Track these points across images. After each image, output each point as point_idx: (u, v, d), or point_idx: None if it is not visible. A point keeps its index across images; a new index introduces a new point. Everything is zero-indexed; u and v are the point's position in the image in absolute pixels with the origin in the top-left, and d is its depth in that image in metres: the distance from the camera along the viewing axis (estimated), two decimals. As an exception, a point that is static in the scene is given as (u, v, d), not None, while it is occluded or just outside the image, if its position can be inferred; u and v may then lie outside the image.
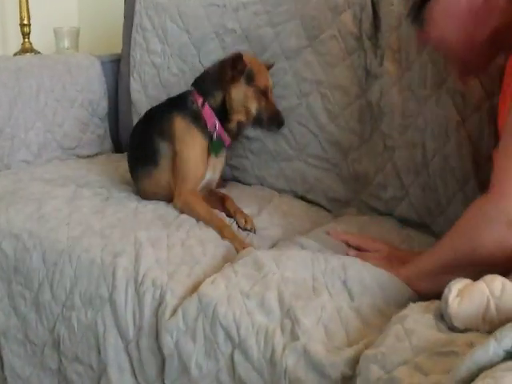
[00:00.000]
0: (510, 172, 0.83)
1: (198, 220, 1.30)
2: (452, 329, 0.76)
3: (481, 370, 0.62)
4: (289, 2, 1.56)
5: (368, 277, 0.99)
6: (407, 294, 0.98)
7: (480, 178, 1.26)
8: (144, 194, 1.44)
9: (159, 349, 1.02)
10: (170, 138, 1.38)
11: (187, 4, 1.71)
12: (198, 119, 1.39)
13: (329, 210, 1.51)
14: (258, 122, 1.41)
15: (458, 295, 0.77)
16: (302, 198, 1.55)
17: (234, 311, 0.94)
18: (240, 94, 1.38)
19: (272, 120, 1.41)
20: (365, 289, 0.97)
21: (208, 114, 1.39)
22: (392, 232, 1.32)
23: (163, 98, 1.76)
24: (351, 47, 1.48)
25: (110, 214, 1.30)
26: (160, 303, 1.02)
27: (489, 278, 0.76)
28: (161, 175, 1.39)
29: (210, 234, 1.23)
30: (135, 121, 1.83)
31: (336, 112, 1.50)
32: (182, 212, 1.33)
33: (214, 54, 1.68)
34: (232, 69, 1.37)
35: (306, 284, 0.98)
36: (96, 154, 1.85)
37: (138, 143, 1.48)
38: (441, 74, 1.31)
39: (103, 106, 1.89)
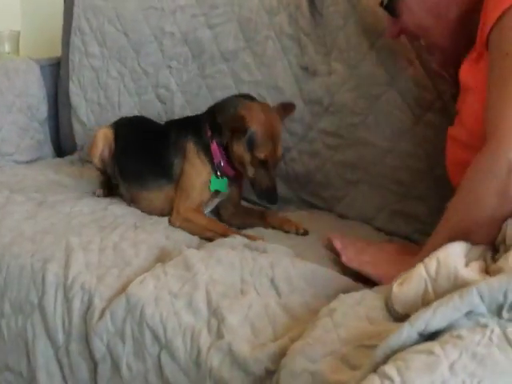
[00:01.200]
0: (503, 121, 0.82)
1: (200, 235, 1.26)
2: (397, 316, 0.76)
3: (395, 353, 0.63)
4: (225, 4, 1.57)
5: (295, 274, 1.00)
6: (338, 288, 0.99)
7: (435, 176, 1.28)
8: (149, 209, 1.39)
9: (90, 353, 1.01)
10: (182, 157, 1.35)
11: (125, 7, 1.70)
12: (207, 150, 1.34)
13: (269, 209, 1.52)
14: (251, 184, 1.31)
15: (401, 282, 0.77)
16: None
17: (161, 312, 0.94)
18: (239, 152, 1.27)
19: (262, 195, 1.29)
20: (292, 286, 0.98)
21: (215, 150, 1.33)
22: (331, 225, 1.36)
23: (103, 101, 1.76)
24: (287, 47, 1.50)
25: (43, 219, 1.28)
26: (88, 307, 1.01)
27: (428, 258, 0.77)
28: (172, 191, 1.36)
29: (144, 236, 1.22)
30: (75, 125, 1.83)
31: (274, 112, 1.52)
32: (181, 228, 1.30)
33: (153, 57, 1.68)
34: (232, 128, 1.26)
35: (234, 283, 0.98)
36: (36, 160, 1.81)
37: (149, 156, 1.42)
38: (391, 73, 1.33)
39: (42, 110, 1.85)
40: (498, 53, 0.86)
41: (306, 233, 1.29)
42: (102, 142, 1.48)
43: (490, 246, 0.82)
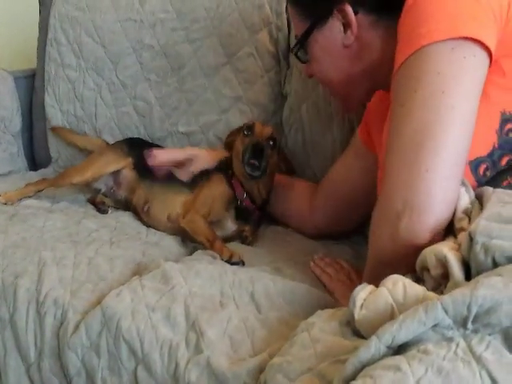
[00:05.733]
0: (389, 177, 0.85)
1: (197, 237, 1.26)
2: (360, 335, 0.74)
3: (364, 367, 0.62)
4: (205, 18, 1.57)
5: (275, 291, 0.98)
6: (317, 305, 0.97)
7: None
8: (159, 209, 1.39)
9: (62, 369, 0.97)
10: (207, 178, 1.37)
11: (103, 18, 1.68)
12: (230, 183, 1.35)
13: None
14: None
15: (362, 306, 0.76)
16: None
17: (137, 325, 0.91)
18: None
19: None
20: (272, 302, 0.96)
21: (235, 183, 1.34)
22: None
23: (79, 113, 1.73)
24: (268, 65, 1.51)
25: (15, 233, 1.24)
26: (62, 322, 0.98)
27: (390, 281, 0.76)
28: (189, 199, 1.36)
29: (120, 251, 1.18)
30: (50, 137, 1.79)
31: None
32: (186, 228, 1.29)
33: (131, 69, 1.66)
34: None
35: (213, 297, 0.96)
36: (9, 173, 1.76)
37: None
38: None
39: (16, 122, 1.80)
40: (395, 102, 0.86)
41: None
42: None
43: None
